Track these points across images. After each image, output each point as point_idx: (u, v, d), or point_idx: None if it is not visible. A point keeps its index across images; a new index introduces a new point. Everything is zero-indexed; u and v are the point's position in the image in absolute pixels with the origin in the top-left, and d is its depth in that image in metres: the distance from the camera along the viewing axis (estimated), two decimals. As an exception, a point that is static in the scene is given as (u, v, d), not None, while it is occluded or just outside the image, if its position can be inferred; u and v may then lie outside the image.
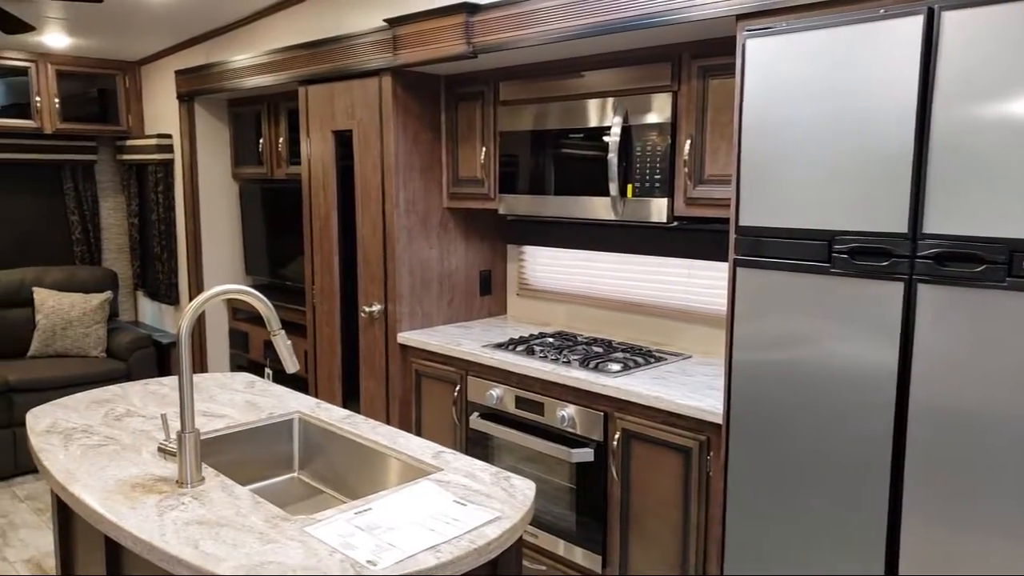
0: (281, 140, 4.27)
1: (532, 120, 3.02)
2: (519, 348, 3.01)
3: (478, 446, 3.05)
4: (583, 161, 2.86)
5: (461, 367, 3.10)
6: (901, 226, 1.80)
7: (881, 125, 1.81)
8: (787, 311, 2.02)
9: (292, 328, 4.11)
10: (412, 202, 3.35)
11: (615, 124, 2.69)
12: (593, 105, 2.81)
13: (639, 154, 2.67)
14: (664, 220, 2.63)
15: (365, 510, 1.64)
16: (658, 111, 2.62)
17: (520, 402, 2.86)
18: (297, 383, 3.87)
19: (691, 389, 2.49)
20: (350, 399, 3.66)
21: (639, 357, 2.86)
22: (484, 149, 3.23)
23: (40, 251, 5.13)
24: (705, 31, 2.40)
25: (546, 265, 3.61)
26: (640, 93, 2.68)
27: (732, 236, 2.13)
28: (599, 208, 2.80)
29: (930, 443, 1.79)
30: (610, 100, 2.75)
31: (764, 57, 2.01)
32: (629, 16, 2.38)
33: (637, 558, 2.57)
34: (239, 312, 4.77)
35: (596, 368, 2.72)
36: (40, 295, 4.62)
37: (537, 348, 2.99)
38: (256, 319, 4.60)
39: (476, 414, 3.02)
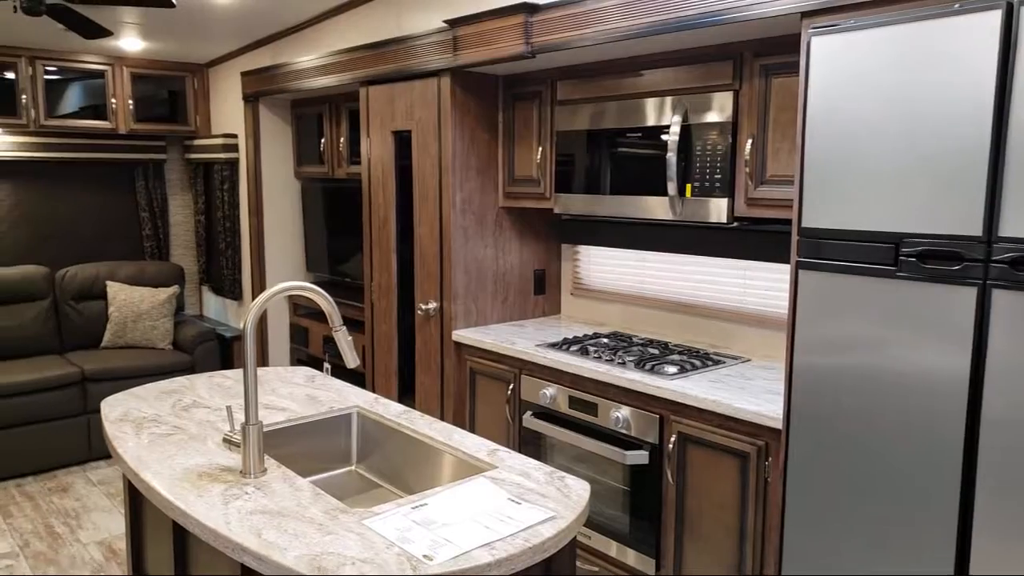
0: (342, 140, 4.35)
1: (589, 119, 3.01)
2: (573, 348, 3.01)
3: (531, 445, 3.06)
4: (640, 160, 2.84)
5: (515, 366, 3.11)
6: (975, 229, 1.74)
7: (954, 124, 1.75)
8: (851, 315, 1.97)
9: (350, 324, 4.19)
10: (468, 201, 3.38)
11: (674, 123, 2.67)
12: (651, 104, 2.78)
13: (699, 154, 2.64)
14: (724, 220, 2.59)
15: (421, 505, 1.67)
16: (719, 110, 2.58)
17: (573, 402, 2.86)
18: (355, 378, 3.94)
19: (750, 393, 2.45)
20: (406, 395, 3.71)
21: (696, 360, 2.83)
22: (540, 148, 3.24)
23: (113, 247, 5.34)
24: (768, 29, 2.35)
25: (601, 265, 3.60)
26: (700, 92, 2.65)
27: (794, 238, 2.09)
28: (656, 208, 2.78)
29: (1005, 453, 1.72)
30: (669, 99, 2.73)
31: (829, 55, 1.96)
32: (690, 15, 2.36)
33: (691, 562, 2.54)
34: (300, 308, 4.89)
35: (652, 370, 2.70)
36: (113, 289, 4.81)
37: (591, 348, 2.98)
38: (316, 315, 4.70)
39: (529, 413, 3.03)
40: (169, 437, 2.08)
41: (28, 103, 4.60)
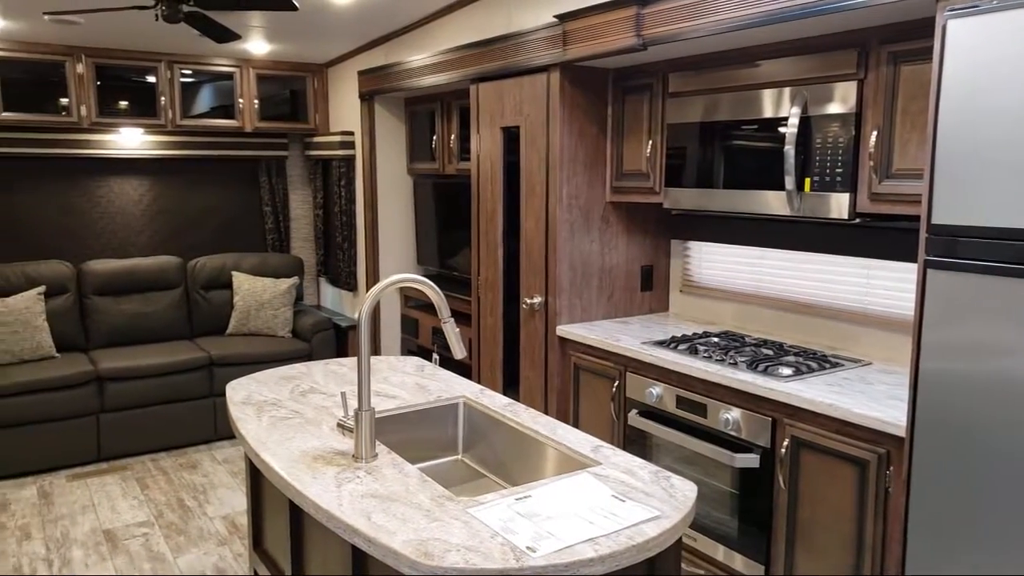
0: (453, 137, 4.43)
1: (702, 112, 2.94)
2: (681, 347, 2.95)
3: (636, 444, 3.02)
4: (755, 154, 2.74)
5: (620, 363, 3.08)
6: None
7: (1112, 111, 1.60)
8: (985, 318, 1.83)
9: (458, 317, 4.25)
10: (575, 196, 3.37)
11: (793, 115, 2.56)
12: (768, 95, 2.68)
13: (818, 146, 2.52)
14: (845, 216, 2.47)
15: (525, 497, 1.68)
16: (841, 101, 2.46)
17: (681, 402, 2.80)
18: (461, 369, 4.02)
19: (870, 398, 2.32)
20: (510, 387, 3.75)
21: (812, 362, 2.71)
22: (650, 142, 3.19)
23: (238, 239, 5.67)
24: (898, 14, 2.22)
25: (712, 261, 3.51)
26: (821, 82, 2.53)
27: (923, 235, 1.96)
28: (772, 203, 2.68)
29: None
30: (787, 90, 2.62)
31: (967, 39, 1.83)
32: (811, 1, 2.25)
33: (803, 571, 2.44)
34: (410, 300, 5.02)
35: (765, 371, 2.61)
36: (238, 279, 5.11)
37: (701, 347, 2.91)
38: (426, 307, 4.82)
39: (635, 411, 2.99)
40: (287, 420, 2.18)
41: (166, 104, 4.94)
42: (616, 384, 3.10)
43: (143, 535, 3.48)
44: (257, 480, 2.47)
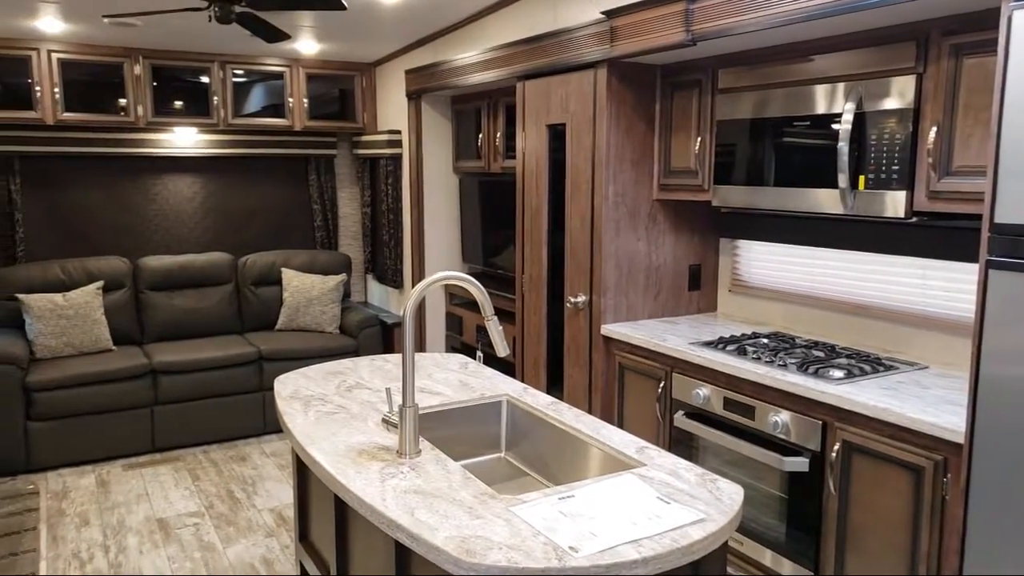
0: (498, 135, 4.43)
1: (752, 108, 2.88)
2: (729, 347, 2.89)
3: (681, 445, 2.98)
4: (808, 151, 2.68)
5: (666, 363, 3.04)
6: None
7: None
8: (1053, 321, 1.75)
9: (501, 315, 4.27)
10: (621, 194, 3.34)
11: (847, 111, 2.49)
12: (821, 91, 2.62)
13: (874, 143, 2.45)
14: (901, 215, 2.39)
15: (568, 496, 1.67)
16: (898, 95, 2.38)
17: (729, 404, 2.75)
18: (505, 367, 4.02)
19: (926, 403, 2.25)
20: (554, 386, 3.74)
21: (866, 364, 2.63)
22: (699, 139, 3.14)
23: (288, 236, 5.76)
24: (960, 5, 2.14)
25: (762, 261, 3.44)
26: (877, 76, 2.45)
27: (985, 234, 1.89)
28: (824, 201, 2.61)
29: None
30: (841, 85, 2.55)
31: (1035, 29, 1.75)
32: (868, -8, 2.18)
33: (853, 580, 2.38)
34: (455, 297, 5.04)
35: (816, 373, 2.54)
36: (287, 275, 5.19)
37: (750, 348, 2.85)
38: (470, 304, 4.83)
39: (681, 412, 2.95)
40: (334, 415, 2.21)
41: (218, 104, 5.05)
42: (662, 385, 3.06)
43: (194, 525, 3.57)
44: (304, 474, 2.51)
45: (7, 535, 3.45)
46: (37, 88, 4.52)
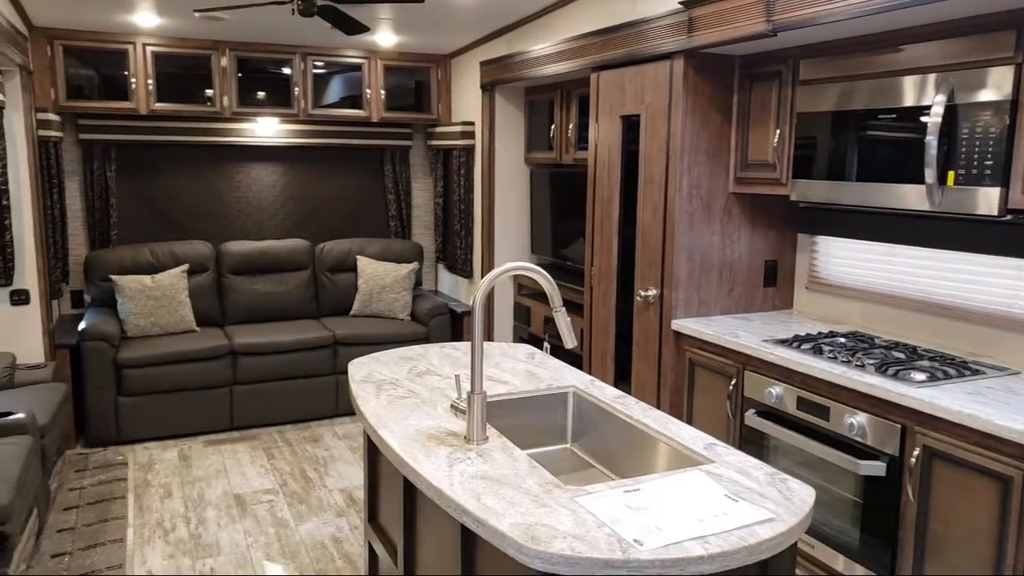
0: (571, 126, 4.42)
1: (835, 100, 2.79)
2: (805, 346, 2.82)
3: (752, 444, 2.92)
4: (893, 145, 2.58)
5: (738, 360, 2.98)
6: None
7: None
8: None
9: (569, 307, 4.26)
10: (696, 186, 3.28)
11: (937, 103, 2.38)
12: (910, 82, 2.51)
13: (965, 137, 2.34)
14: (994, 212, 2.28)
15: (634, 490, 1.66)
16: (995, 87, 2.26)
17: (802, 403, 2.68)
18: (572, 359, 4.02)
19: (1016, 410, 2.14)
20: (621, 380, 3.71)
21: (950, 367, 2.53)
22: (778, 131, 3.06)
23: (363, 225, 5.89)
24: (1066, -11, 2.02)
25: (842, 258, 3.33)
26: (972, 67, 2.34)
27: (1087, 233, 1.78)
28: (910, 197, 2.51)
29: None
30: (932, 76, 2.44)
31: None
32: (965, -22, 2.08)
33: (930, 591, 2.29)
34: (523, 288, 5.07)
35: (896, 375, 2.45)
36: (362, 263, 5.32)
37: (826, 348, 2.77)
38: (538, 296, 4.85)
39: (752, 411, 2.89)
40: (404, 400, 2.26)
41: (299, 95, 5.19)
42: (733, 382, 3.01)
43: (269, 502, 3.70)
44: (374, 456, 2.57)
45: (99, 502, 3.66)
46: (132, 80, 4.74)
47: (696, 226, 3.31)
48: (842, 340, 2.90)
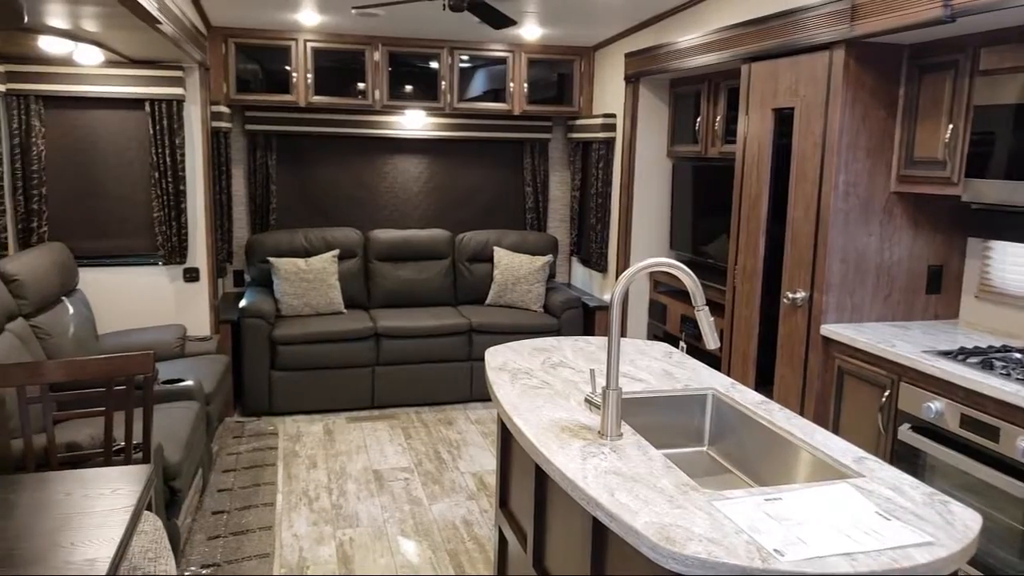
0: (718, 119, 4.28)
1: (1020, 92, 2.53)
2: (972, 359, 2.59)
3: (905, 461, 2.73)
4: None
5: (893, 371, 2.79)
6: None
7: None
8: None
9: (709, 306, 4.13)
10: (853, 184, 3.09)
11: None
12: (1114, 70, 2.24)
13: None
14: None
15: (775, 499, 1.59)
16: None
17: (966, 422, 2.47)
18: (709, 359, 3.90)
19: None
20: (762, 384, 3.57)
21: None
22: (951, 126, 2.82)
23: (500, 216, 5.99)
24: None
25: (1020, 265, 3.03)
26: None
27: None
28: (1108, 200, 2.24)
29: None
30: None
31: None
32: None
33: (1113, 640, 2.05)
34: (660, 284, 4.97)
35: (1079, 396, 2.21)
36: (498, 254, 5.41)
37: (998, 363, 2.54)
38: (676, 293, 4.74)
39: (907, 425, 2.70)
40: (538, 390, 2.28)
41: (446, 89, 5.34)
42: (887, 394, 2.82)
43: (404, 479, 3.86)
44: (507, 443, 2.61)
45: (253, 467, 3.95)
46: (294, 74, 5.05)
47: (851, 226, 3.12)
48: (1018, 356, 2.64)
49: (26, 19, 2.93)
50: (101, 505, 1.83)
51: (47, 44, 3.55)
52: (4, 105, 4.13)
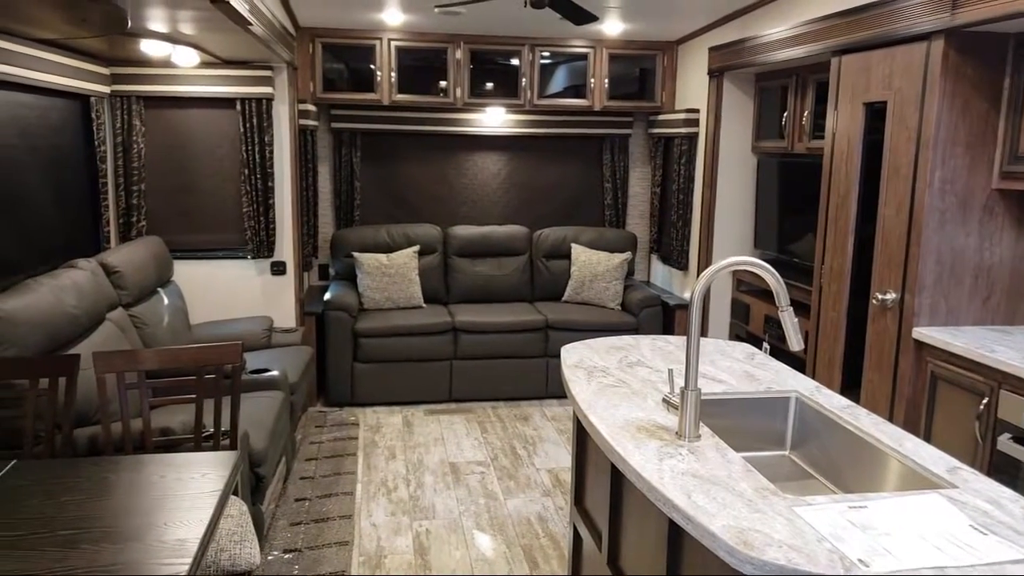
0: (806, 114, 4.15)
1: None
2: (1080, 367, 2.43)
3: (1003, 473, 2.58)
4: None
5: (993, 378, 2.64)
6: None
7: None
8: None
9: (794, 306, 4.00)
10: (950, 181, 2.94)
11: None
12: None
13: None
14: None
15: (860, 506, 1.54)
16: None
17: (1072, 432, 2.32)
18: (793, 362, 3.79)
19: None
20: (849, 388, 3.44)
21: None
22: (1061, 119, 2.65)
23: (579, 213, 5.97)
24: None
25: None
26: None
27: None
28: None
29: None
30: None
31: None
32: None
33: None
34: (742, 284, 4.85)
35: None
36: (576, 250, 5.39)
37: (1108, 370, 2.37)
38: (759, 293, 4.62)
39: (1007, 435, 2.55)
40: (614, 388, 2.26)
41: (526, 85, 5.35)
42: (985, 401, 2.67)
43: (480, 473, 3.90)
44: (583, 441, 2.60)
45: (334, 456, 4.07)
46: (378, 73, 5.16)
47: (948, 225, 2.97)
48: None
49: (129, 24, 3.10)
50: (191, 488, 1.93)
51: (148, 47, 3.74)
52: (109, 106, 4.38)
